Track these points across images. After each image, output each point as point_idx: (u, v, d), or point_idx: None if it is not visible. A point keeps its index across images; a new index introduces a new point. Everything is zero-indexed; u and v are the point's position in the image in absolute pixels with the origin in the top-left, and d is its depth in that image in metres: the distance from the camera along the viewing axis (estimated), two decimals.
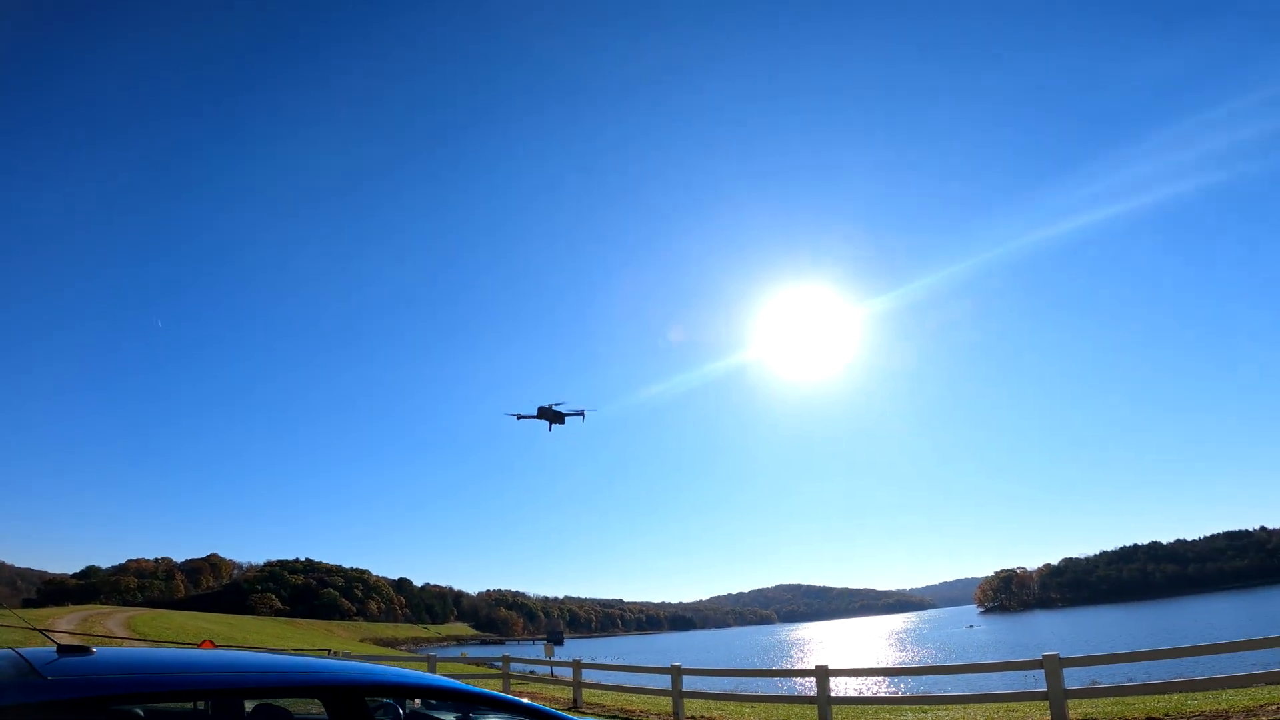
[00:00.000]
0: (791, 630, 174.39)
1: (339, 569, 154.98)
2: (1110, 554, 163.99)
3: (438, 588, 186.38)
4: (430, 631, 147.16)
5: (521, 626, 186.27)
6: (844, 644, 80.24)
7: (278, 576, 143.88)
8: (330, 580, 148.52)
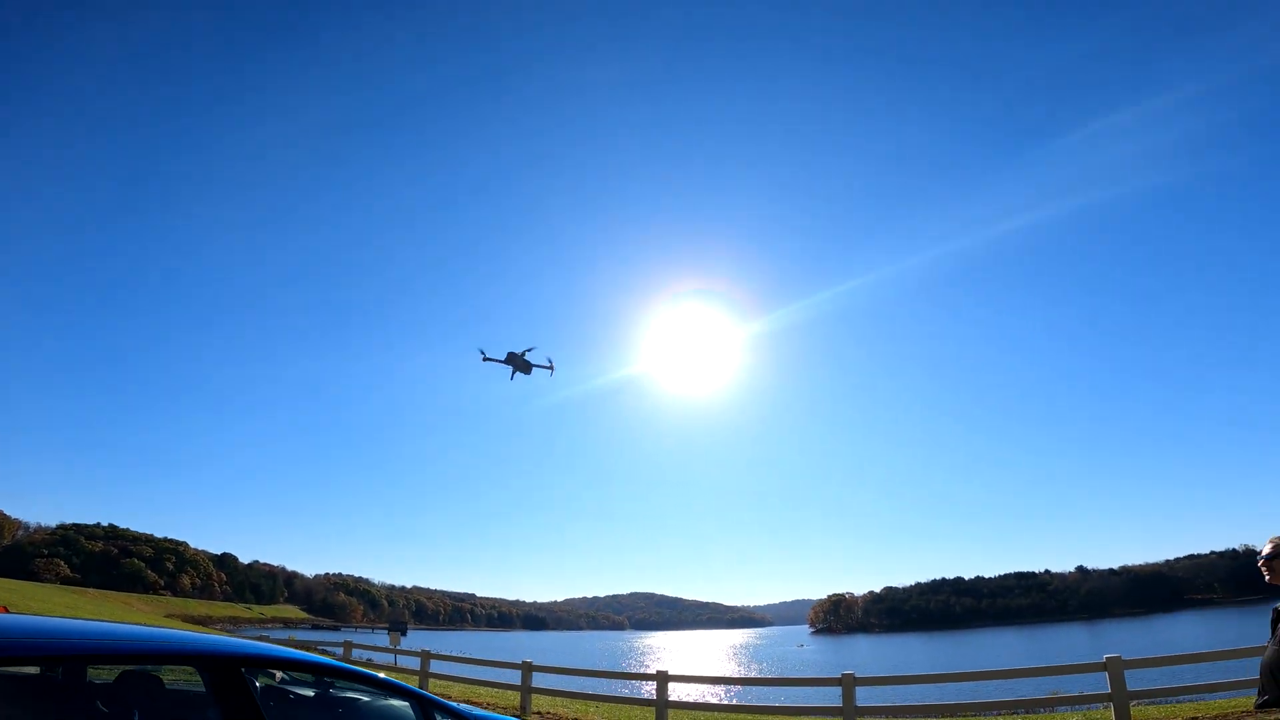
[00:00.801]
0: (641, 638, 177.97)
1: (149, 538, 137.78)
2: (923, 585, 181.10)
3: (267, 566, 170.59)
4: (253, 612, 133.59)
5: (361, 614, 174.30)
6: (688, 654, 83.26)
7: (71, 541, 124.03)
8: (136, 550, 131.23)
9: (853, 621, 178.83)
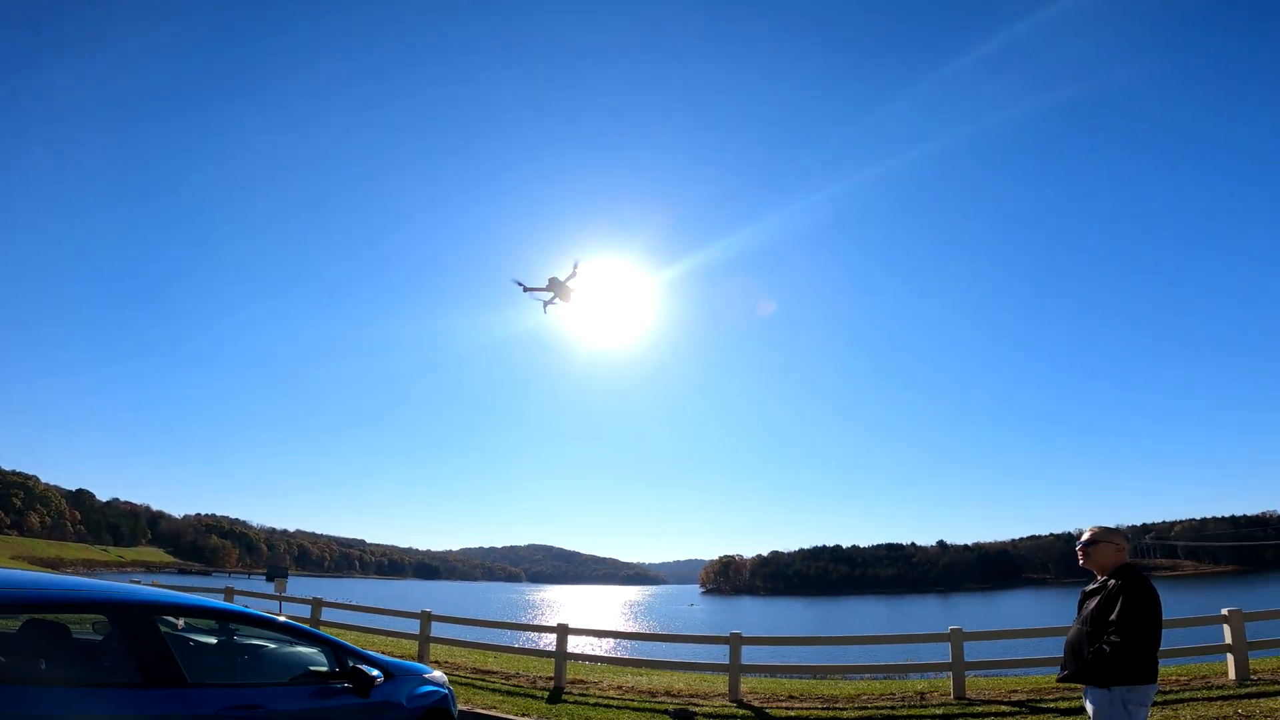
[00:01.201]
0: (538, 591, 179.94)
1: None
2: (806, 551, 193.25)
3: (129, 505, 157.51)
4: (110, 554, 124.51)
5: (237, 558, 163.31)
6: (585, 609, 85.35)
7: None
8: None
9: (740, 583, 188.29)
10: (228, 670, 3.85)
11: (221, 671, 3.74)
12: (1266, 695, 6.46)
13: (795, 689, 8.81)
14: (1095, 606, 3.90)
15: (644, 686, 9.01)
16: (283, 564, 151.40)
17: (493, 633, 17.22)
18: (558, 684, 8.93)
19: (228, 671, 3.82)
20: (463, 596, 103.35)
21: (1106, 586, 3.90)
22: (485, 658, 11.15)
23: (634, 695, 8.43)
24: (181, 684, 3.22)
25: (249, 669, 3.99)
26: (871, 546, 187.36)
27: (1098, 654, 3.75)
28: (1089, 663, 3.80)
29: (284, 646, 4.31)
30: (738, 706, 7.72)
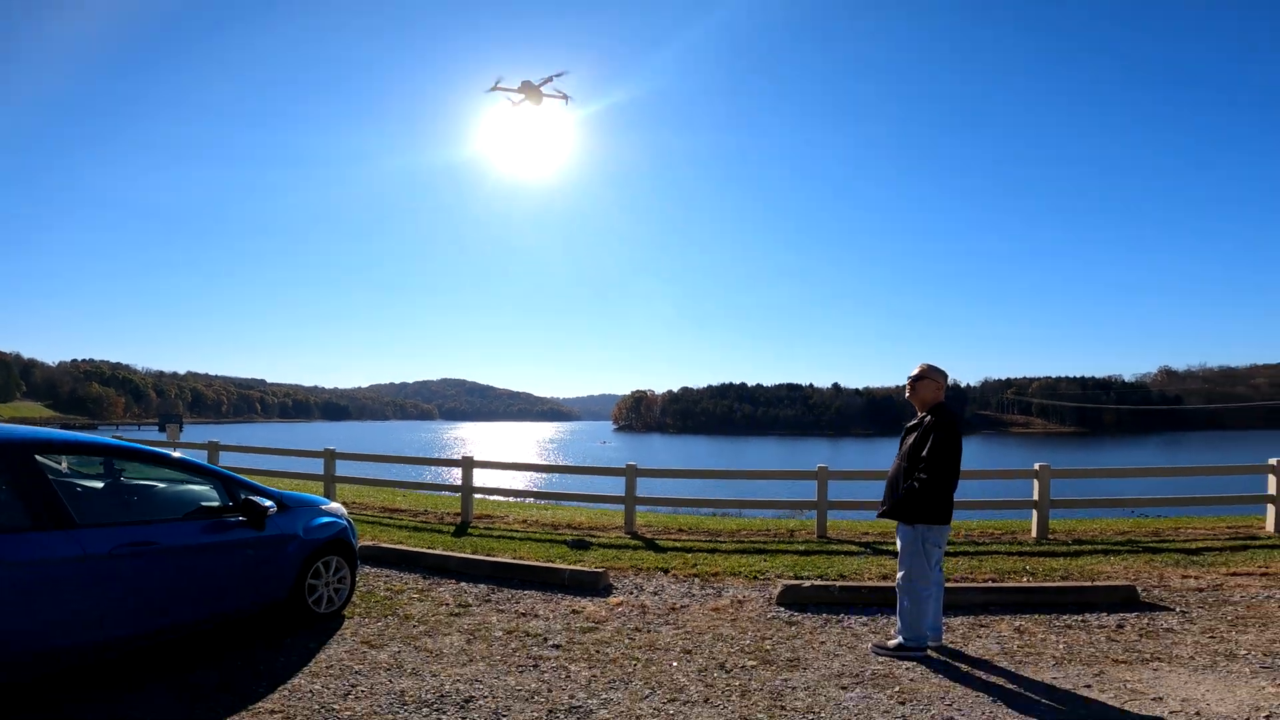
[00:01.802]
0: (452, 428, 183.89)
1: None
2: (714, 388, 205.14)
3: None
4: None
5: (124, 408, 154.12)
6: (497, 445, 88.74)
7: None
8: None
9: (651, 421, 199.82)
10: (118, 509, 3.82)
11: (111, 511, 3.72)
12: (1054, 555, 6.95)
13: (686, 523, 9.64)
14: (912, 443, 4.22)
15: (547, 520, 9.64)
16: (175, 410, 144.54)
17: (402, 471, 17.73)
18: (464, 519, 9.41)
19: (118, 511, 3.79)
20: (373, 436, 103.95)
21: (923, 423, 4.20)
22: (394, 496, 11.50)
23: (537, 528, 9.04)
24: (70, 525, 3.22)
25: (139, 507, 3.98)
26: (774, 386, 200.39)
27: (908, 491, 4.12)
28: (899, 500, 4.18)
29: (174, 485, 4.29)
30: (631, 537, 8.42)
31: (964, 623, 4.80)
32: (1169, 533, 7.77)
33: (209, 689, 3.53)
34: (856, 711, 3.37)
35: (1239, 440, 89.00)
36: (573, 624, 4.92)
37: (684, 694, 3.64)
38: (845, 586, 5.55)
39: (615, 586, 6.07)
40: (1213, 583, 5.61)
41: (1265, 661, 3.83)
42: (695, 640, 4.56)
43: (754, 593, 5.78)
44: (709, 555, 7.26)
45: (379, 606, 5.20)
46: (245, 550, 4.11)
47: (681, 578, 6.35)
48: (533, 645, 4.43)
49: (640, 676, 3.90)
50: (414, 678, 3.81)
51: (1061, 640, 4.36)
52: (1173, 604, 5.08)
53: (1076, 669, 3.86)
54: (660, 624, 4.94)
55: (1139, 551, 6.83)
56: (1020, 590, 5.31)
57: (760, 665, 4.07)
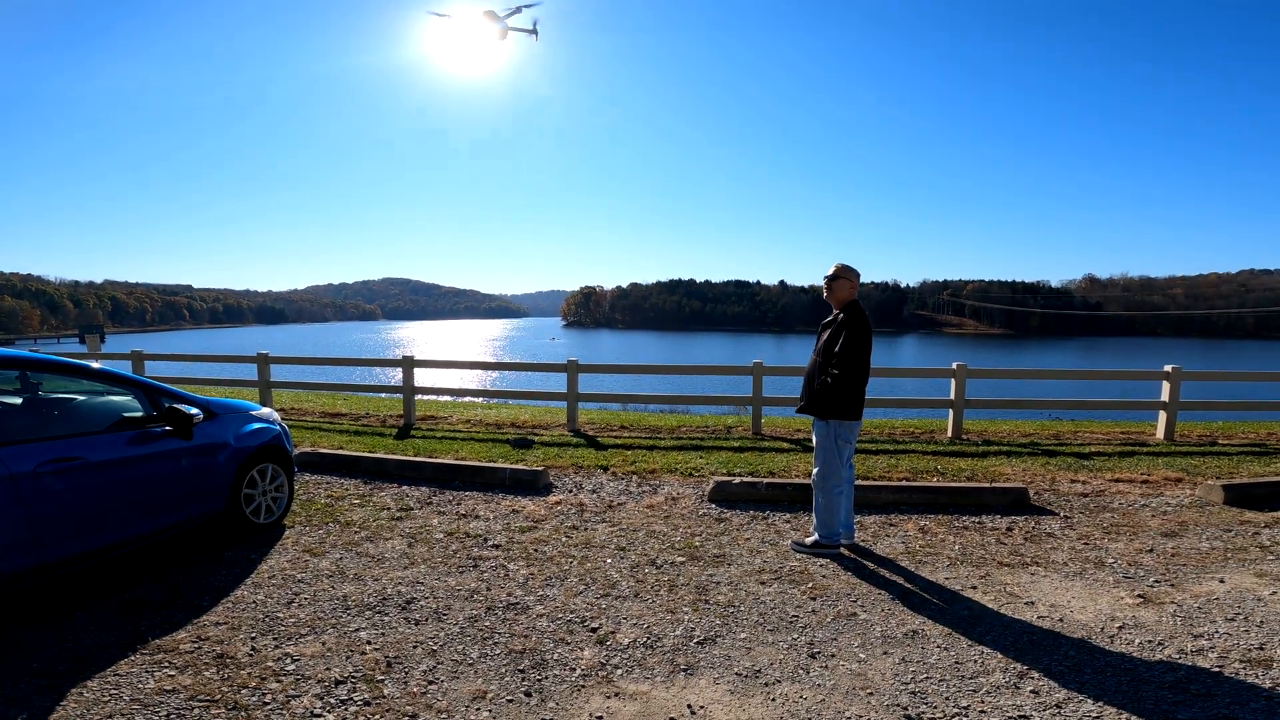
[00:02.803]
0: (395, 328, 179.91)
1: None
2: (663, 284, 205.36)
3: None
4: None
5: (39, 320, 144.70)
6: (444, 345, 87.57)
7: None
8: None
9: (600, 316, 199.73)
10: (38, 426, 3.67)
11: (32, 428, 3.57)
12: (964, 455, 7.30)
13: (628, 420, 9.86)
14: (826, 339, 4.41)
15: (491, 419, 9.73)
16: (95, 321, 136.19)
17: (342, 374, 17.42)
18: (407, 420, 9.43)
19: (38, 427, 3.65)
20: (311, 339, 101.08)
21: (837, 320, 4.37)
22: (334, 401, 11.33)
23: (481, 428, 9.13)
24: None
25: (60, 422, 3.83)
26: (722, 283, 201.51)
27: (822, 386, 4.32)
28: (814, 395, 4.39)
29: (95, 397, 4.12)
30: (573, 435, 8.60)
31: (876, 521, 5.22)
32: (1069, 436, 8.41)
33: (154, 605, 3.58)
34: (772, 605, 3.70)
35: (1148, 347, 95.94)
36: (512, 524, 5.11)
37: (616, 589, 3.91)
38: (772, 484, 5.86)
39: (555, 485, 6.26)
40: (1097, 488, 6.10)
41: (1128, 571, 4.18)
42: (629, 537, 4.82)
43: (688, 490, 6.07)
44: (648, 452, 7.48)
45: (320, 514, 5.27)
46: (174, 461, 4.05)
47: (620, 475, 6.57)
48: (473, 546, 4.61)
49: (575, 573, 4.15)
50: (356, 583, 3.96)
51: (958, 541, 4.80)
52: (1058, 508, 5.55)
53: (966, 570, 4.26)
54: (597, 522, 5.19)
55: (1038, 454, 7.38)
56: (927, 490, 5.74)
57: (689, 561, 4.37)
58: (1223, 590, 3.86)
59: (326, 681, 2.89)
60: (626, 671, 3.02)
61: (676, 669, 3.04)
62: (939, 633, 3.39)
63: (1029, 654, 3.17)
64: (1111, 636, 3.34)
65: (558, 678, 2.96)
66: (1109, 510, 5.47)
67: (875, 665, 3.08)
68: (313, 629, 3.37)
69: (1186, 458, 7.21)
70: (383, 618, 3.51)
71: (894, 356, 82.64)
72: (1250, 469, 6.70)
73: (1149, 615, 3.56)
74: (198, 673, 2.93)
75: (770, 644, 3.27)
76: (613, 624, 3.47)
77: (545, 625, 3.45)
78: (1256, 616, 3.50)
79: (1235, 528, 4.98)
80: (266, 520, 4.79)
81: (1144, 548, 4.59)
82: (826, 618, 3.55)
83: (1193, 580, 4.03)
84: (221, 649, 3.14)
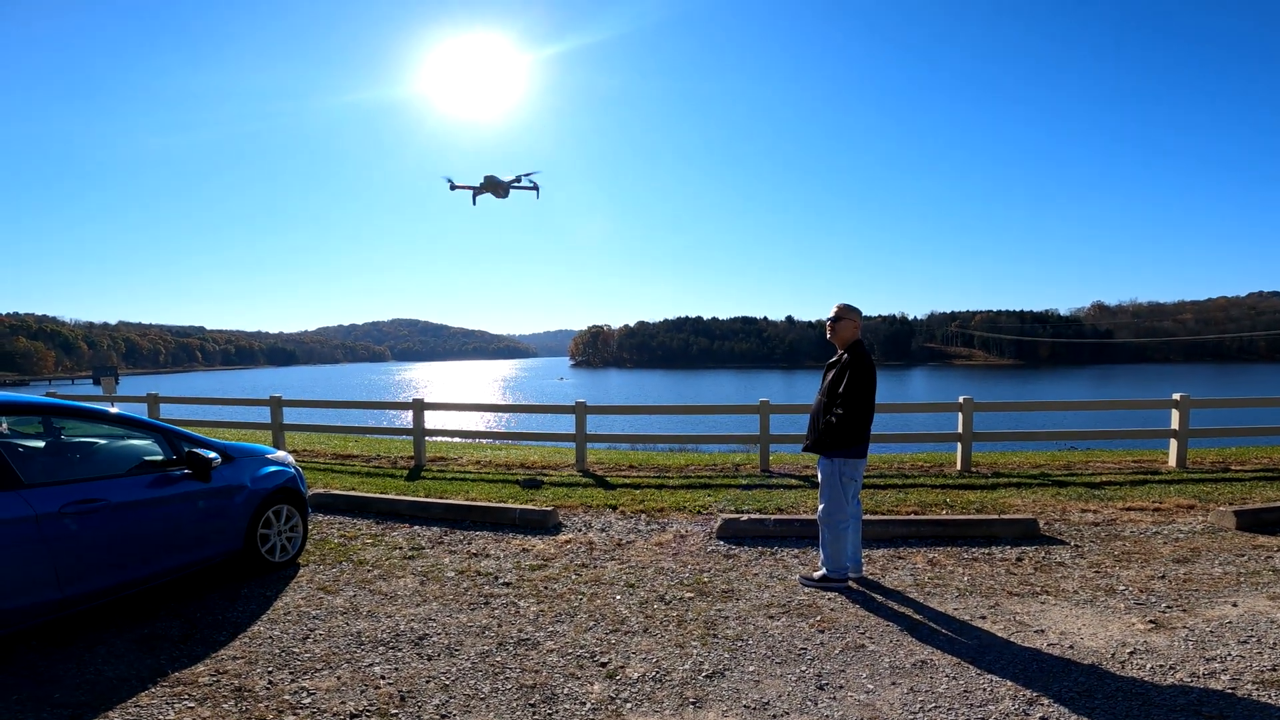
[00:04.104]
0: (404, 370, 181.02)
1: None
2: (670, 322, 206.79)
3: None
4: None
5: (54, 362, 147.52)
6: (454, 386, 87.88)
7: None
8: None
9: (608, 355, 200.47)
10: (63, 468, 3.81)
11: (57, 470, 3.71)
12: (973, 487, 7.26)
13: (636, 459, 9.90)
14: (831, 379, 4.49)
15: (501, 460, 9.80)
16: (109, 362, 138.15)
17: (353, 417, 17.65)
18: (418, 462, 9.52)
19: (63, 469, 3.78)
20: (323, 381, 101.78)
21: (841, 361, 4.46)
22: (345, 443, 11.46)
23: (491, 468, 9.21)
24: (17, 485, 3.23)
25: (84, 465, 3.97)
26: (729, 319, 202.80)
27: (827, 425, 4.39)
28: (819, 434, 4.46)
29: (115, 441, 4.26)
30: (582, 475, 8.65)
31: (884, 554, 5.22)
32: (1079, 466, 8.38)
33: (172, 639, 3.66)
34: (781, 639, 3.72)
35: (1161, 374, 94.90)
36: (522, 562, 5.16)
37: (625, 625, 3.94)
38: (780, 520, 5.88)
39: (564, 524, 6.30)
40: (1108, 517, 6.08)
41: (1140, 598, 4.17)
42: (639, 574, 4.85)
43: (696, 527, 6.10)
44: (656, 491, 7.52)
45: (333, 553, 5.34)
46: (193, 503, 4.16)
47: (629, 514, 6.61)
48: (484, 584, 4.65)
49: (585, 610, 4.18)
50: (370, 619, 4.01)
51: (967, 572, 4.80)
52: (1069, 538, 5.54)
53: (975, 600, 4.26)
54: (606, 559, 5.22)
55: (1049, 485, 7.37)
56: (935, 523, 5.75)
57: (697, 597, 4.39)
58: (1235, 614, 3.85)
59: (341, 715, 2.94)
60: (636, 705, 3.04)
61: (685, 702, 3.06)
62: (947, 662, 3.39)
63: (1039, 681, 3.16)
64: (1123, 662, 3.33)
65: (568, 711, 2.99)
66: (1120, 538, 5.45)
67: (883, 695, 3.09)
68: (327, 664, 3.42)
69: (1199, 484, 7.17)
70: (396, 653, 3.56)
71: (903, 389, 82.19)
72: (1263, 494, 6.66)
73: (1161, 640, 3.55)
74: (216, 705, 2.99)
75: (778, 676, 3.29)
76: (622, 658, 3.49)
77: (555, 660, 3.48)
78: (1270, 638, 3.50)
79: (1248, 552, 4.96)
80: (282, 559, 4.86)
81: (1156, 574, 4.57)
82: (835, 650, 3.56)
83: (1205, 605, 4.02)
84: (239, 682, 3.21)
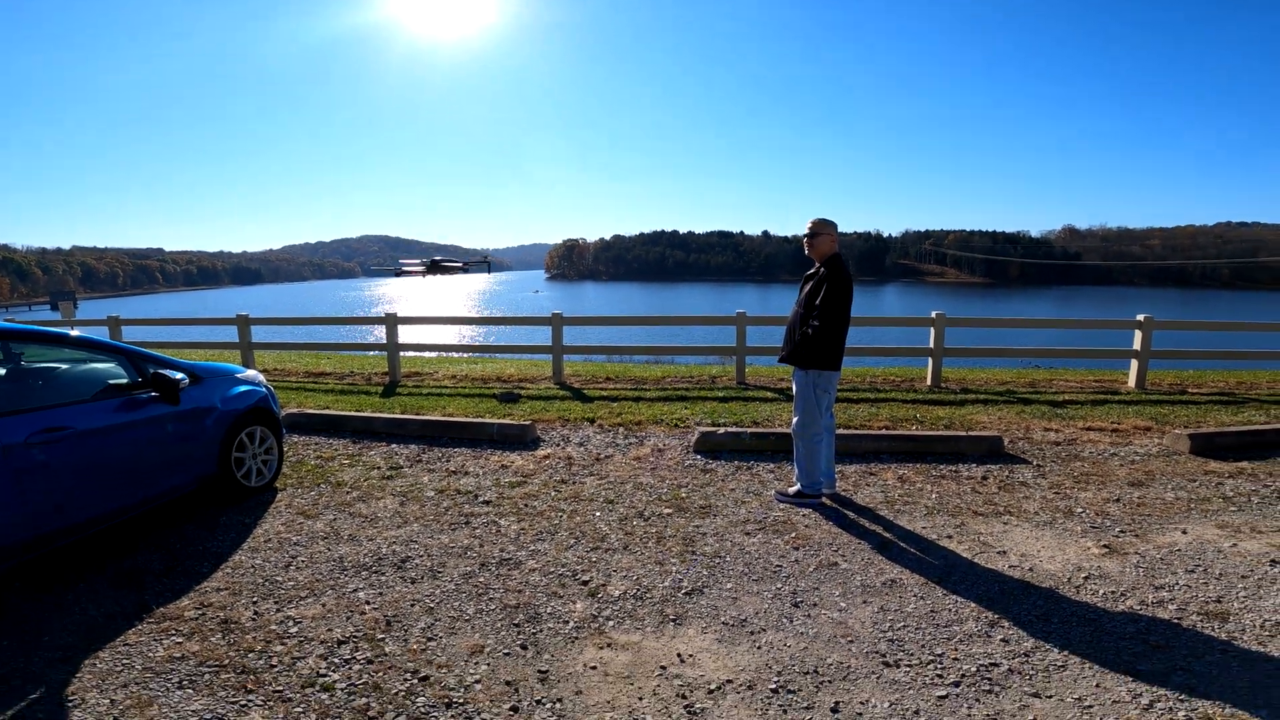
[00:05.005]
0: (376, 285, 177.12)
1: None
2: (646, 236, 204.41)
3: None
4: None
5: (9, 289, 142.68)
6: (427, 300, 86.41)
7: None
8: None
9: (584, 268, 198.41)
10: (25, 396, 3.63)
11: (19, 398, 3.54)
12: (943, 403, 7.45)
13: (613, 371, 9.89)
14: (808, 291, 4.50)
15: (478, 374, 9.73)
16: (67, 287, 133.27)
17: (324, 334, 17.29)
18: (392, 378, 9.41)
19: (25, 397, 3.61)
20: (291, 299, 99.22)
21: (818, 273, 4.46)
22: (318, 360, 11.24)
23: (467, 383, 9.15)
24: None
25: (47, 392, 3.80)
26: (705, 234, 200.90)
27: (803, 337, 4.43)
28: (795, 346, 4.50)
29: (78, 365, 4.08)
30: (559, 388, 8.63)
31: (857, 470, 5.37)
32: (1044, 384, 8.60)
33: (154, 573, 3.62)
34: (757, 556, 3.84)
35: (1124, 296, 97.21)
36: (502, 479, 5.19)
37: (605, 542, 4.02)
38: (756, 433, 5.96)
39: (543, 439, 6.33)
40: (1069, 437, 6.28)
41: (1096, 521, 4.30)
42: (617, 490, 4.93)
43: (674, 440, 6.17)
44: (634, 404, 7.56)
45: (311, 475, 5.31)
46: (162, 427, 4.04)
47: (607, 427, 6.64)
48: (464, 503, 4.69)
49: (566, 528, 4.25)
50: (351, 544, 4.03)
51: (935, 490, 4.96)
52: (1031, 457, 5.73)
53: (943, 519, 4.41)
54: (585, 475, 5.28)
55: (1014, 402, 7.58)
56: (906, 438, 5.89)
57: (676, 513, 4.49)
58: (1185, 541, 4.01)
59: (329, 642, 2.97)
60: (618, 623, 3.14)
61: (666, 619, 3.17)
62: (916, 582, 3.54)
63: (1000, 603, 3.31)
64: (1078, 587, 3.47)
65: (552, 630, 3.08)
66: (1080, 459, 5.66)
67: (855, 614, 3.22)
68: (312, 591, 3.44)
69: (1156, 406, 7.44)
70: (379, 577, 3.60)
71: (876, 305, 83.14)
72: (1217, 418, 6.92)
73: (1113, 566, 3.70)
74: (204, 639, 2.99)
75: (755, 594, 3.41)
76: (603, 577, 3.59)
77: (538, 580, 3.56)
78: (1216, 569, 3.64)
79: (1200, 478, 5.16)
80: (258, 483, 4.82)
81: (1112, 497, 4.76)
82: (809, 567, 3.70)
83: (1156, 531, 4.18)
84: (225, 614, 3.21)
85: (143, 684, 2.65)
